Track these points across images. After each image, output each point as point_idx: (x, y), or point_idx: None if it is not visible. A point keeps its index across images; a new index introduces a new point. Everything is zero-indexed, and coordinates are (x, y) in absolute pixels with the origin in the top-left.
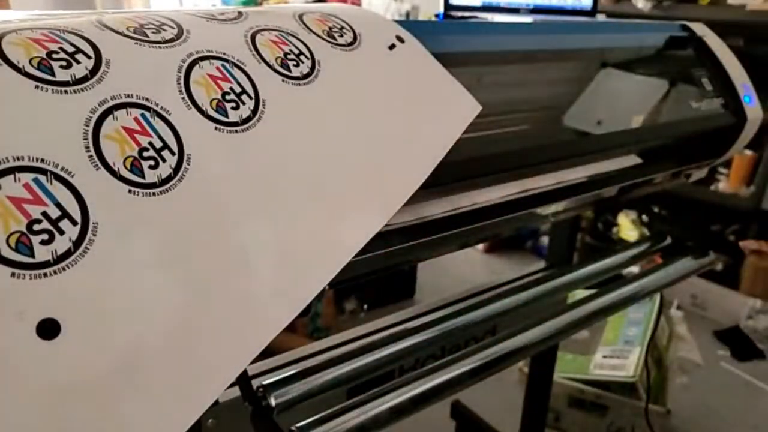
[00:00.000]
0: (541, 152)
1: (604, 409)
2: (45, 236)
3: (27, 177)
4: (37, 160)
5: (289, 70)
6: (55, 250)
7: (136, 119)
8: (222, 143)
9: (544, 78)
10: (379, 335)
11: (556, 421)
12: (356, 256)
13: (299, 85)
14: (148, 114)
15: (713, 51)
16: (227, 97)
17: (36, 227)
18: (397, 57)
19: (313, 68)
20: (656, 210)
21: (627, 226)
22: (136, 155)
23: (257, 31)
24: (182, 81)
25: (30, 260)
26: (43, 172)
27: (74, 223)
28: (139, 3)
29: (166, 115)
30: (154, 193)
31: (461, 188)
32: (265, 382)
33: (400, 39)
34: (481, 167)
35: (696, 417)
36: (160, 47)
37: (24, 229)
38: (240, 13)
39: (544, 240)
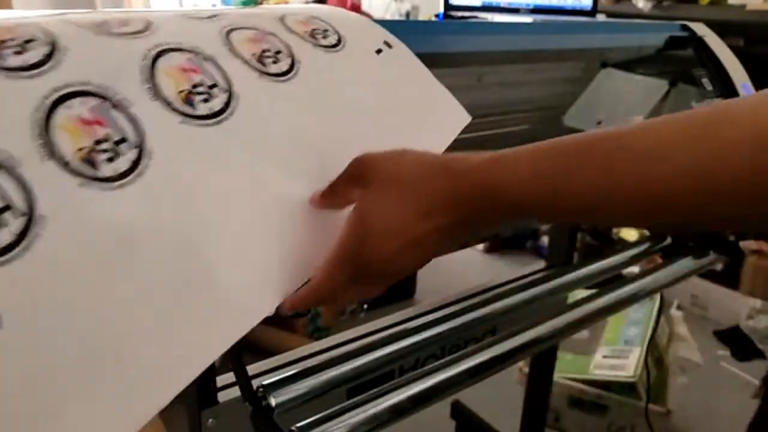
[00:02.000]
0: None
1: (604, 409)
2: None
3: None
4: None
5: (266, 67)
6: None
7: (92, 108)
8: (188, 137)
9: (544, 78)
10: (379, 335)
11: (556, 421)
12: None
13: (276, 81)
14: (106, 104)
15: (713, 51)
16: (197, 89)
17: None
18: (384, 61)
19: (292, 66)
20: None
21: None
22: (92, 146)
23: (233, 29)
24: (147, 71)
25: None
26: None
27: (20, 214)
28: (140, 3)
29: (128, 107)
30: (110, 188)
31: None
32: (265, 382)
33: (387, 44)
34: None
35: (696, 417)
36: (122, 38)
37: None
38: (217, 14)
39: (544, 240)
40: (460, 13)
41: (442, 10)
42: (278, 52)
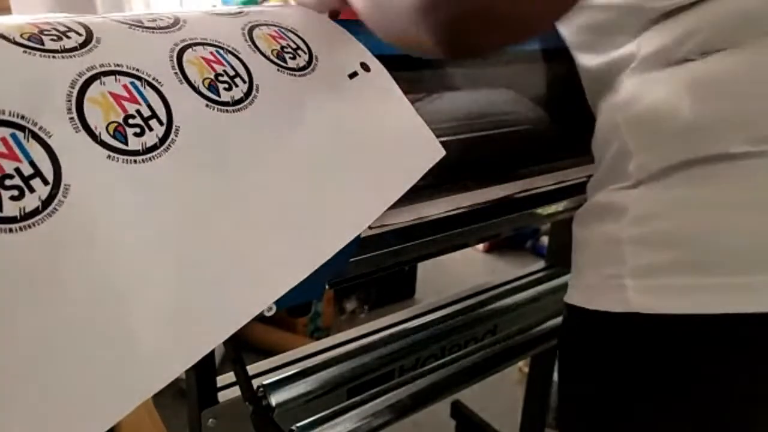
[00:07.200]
0: (541, 152)
1: None
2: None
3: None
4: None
5: (218, 94)
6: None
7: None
8: (115, 174)
9: (544, 78)
10: (379, 335)
11: (556, 421)
12: (356, 255)
13: (227, 112)
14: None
15: None
16: (130, 121)
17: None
18: (357, 87)
19: (248, 93)
20: None
21: None
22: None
23: (187, 46)
24: (74, 99)
25: None
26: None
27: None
28: (140, 4)
29: (42, 135)
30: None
31: (461, 188)
32: (265, 382)
33: (365, 67)
34: (481, 167)
35: None
36: (54, 57)
37: None
38: (176, 21)
39: (544, 240)
40: None
41: None
42: (235, 77)
